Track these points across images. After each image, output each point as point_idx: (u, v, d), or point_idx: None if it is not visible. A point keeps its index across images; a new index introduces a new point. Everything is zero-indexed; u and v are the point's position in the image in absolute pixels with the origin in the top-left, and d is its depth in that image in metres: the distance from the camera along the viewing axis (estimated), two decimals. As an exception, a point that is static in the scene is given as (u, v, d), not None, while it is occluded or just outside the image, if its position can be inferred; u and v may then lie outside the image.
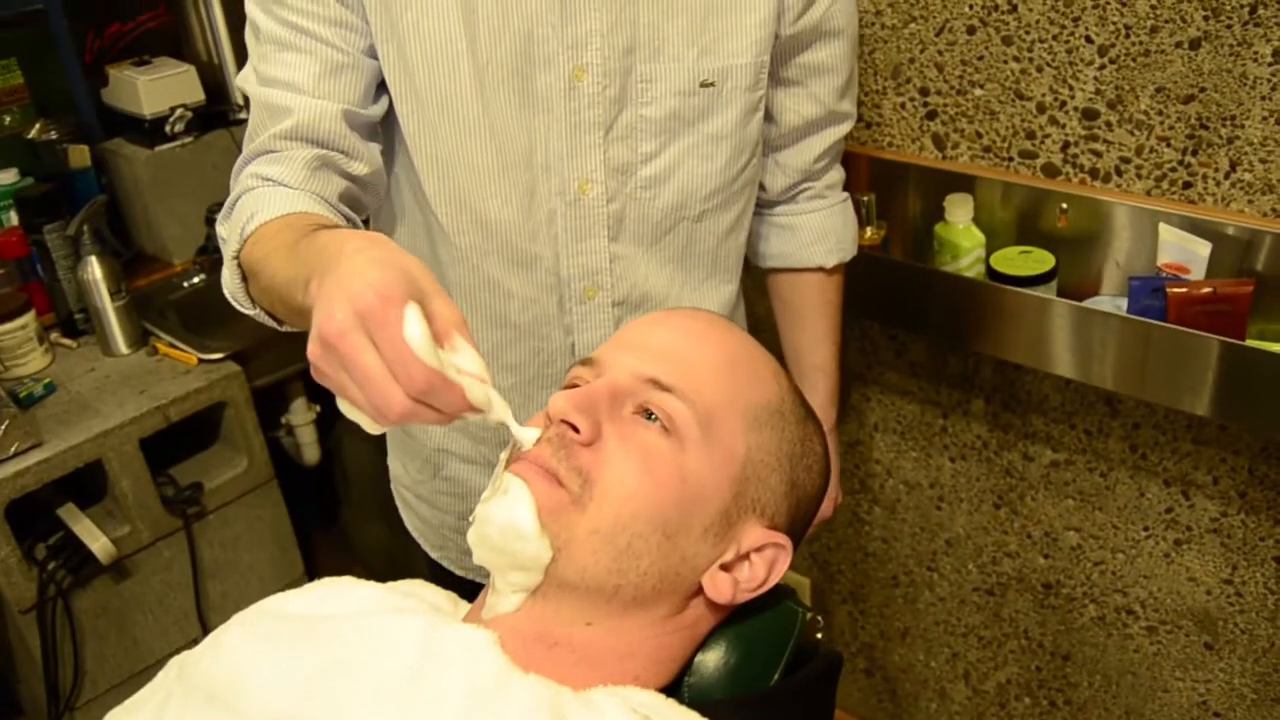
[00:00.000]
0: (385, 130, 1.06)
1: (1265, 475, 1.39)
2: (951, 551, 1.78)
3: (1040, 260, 1.39)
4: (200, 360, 1.81)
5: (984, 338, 1.43)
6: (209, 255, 2.11)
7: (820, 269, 1.26)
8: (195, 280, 2.08)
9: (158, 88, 2.03)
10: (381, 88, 1.03)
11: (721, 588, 0.72)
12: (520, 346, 1.14)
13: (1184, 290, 1.23)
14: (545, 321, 1.12)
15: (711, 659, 0.74)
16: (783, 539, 0.74)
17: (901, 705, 2.02)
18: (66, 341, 1.89)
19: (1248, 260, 1.27)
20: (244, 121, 2.17)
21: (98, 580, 1.74)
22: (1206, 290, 1.23)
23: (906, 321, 1.55)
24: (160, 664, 0.82)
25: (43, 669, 1.70)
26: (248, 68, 1.02)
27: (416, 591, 0.77)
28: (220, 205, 2.08)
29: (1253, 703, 1.54)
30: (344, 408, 0.68)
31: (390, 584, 0.78)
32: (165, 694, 0.77)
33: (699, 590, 0.73)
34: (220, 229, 0.98)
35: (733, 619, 0.76)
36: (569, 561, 0.69)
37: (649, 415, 0.72)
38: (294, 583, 1.97)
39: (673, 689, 0.73)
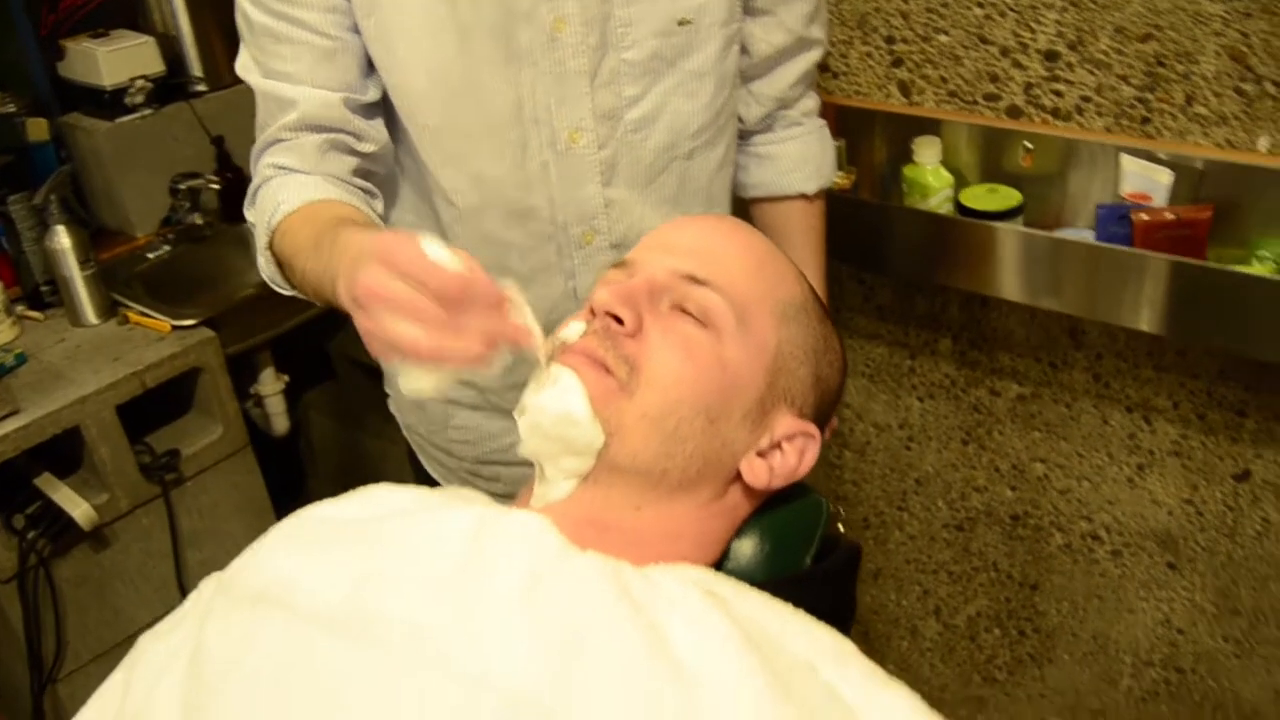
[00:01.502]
0: (385, 102, 1.09)
1: (1223, 397, 1.46)
2: (921, 490, 1.85)
3: (1007, 197, 1.44)
4: (173, 327, 1.81)
5: (955, 272, 1.48)
6: (174, 227, 2.09)
7: (802, 195, 1.30)
8: (161, 251, 2.06)
9: (118, 58, 2.01)
10: (375, 65, 1.06)
11: (758, 473, 0.76)
12: (525, 296, 1.17)
13: (1148, 217, 1.30)
14: (545, 269, 1.14)
15: (748, 546, 0.78)
16: (812, 428, 0.78)
17: (874, 645, 2.08)
18: (33, 314, 1.87)
19: (1205, 189, 1.33)
20: (203, 94, 2.18)
21: (78, 549, 1.73)
22: (1169, 216, 1.29)
23: (877, 263, 1.60)
24: (142, 632, 0.81)
25: (25, 641, 1.69)
26: (245, 58, 1.06)
27: (459, 493, 0.79)
28: (184, 176, 2.07)
29: (1213, 616, 1.62)
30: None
31: (429, 489, 0.80)
32: (203, 610, 0.78)
33: (737, 476, 0.77)
34: (248, 214, 1.07)
35: (764, 508, 0.80)
36: (621, 445, 0.72)
37: (686, 309, 0.75)
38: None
39: (713, 573, 0.76)
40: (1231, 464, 1.50)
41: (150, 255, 2.06)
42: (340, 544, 0.73)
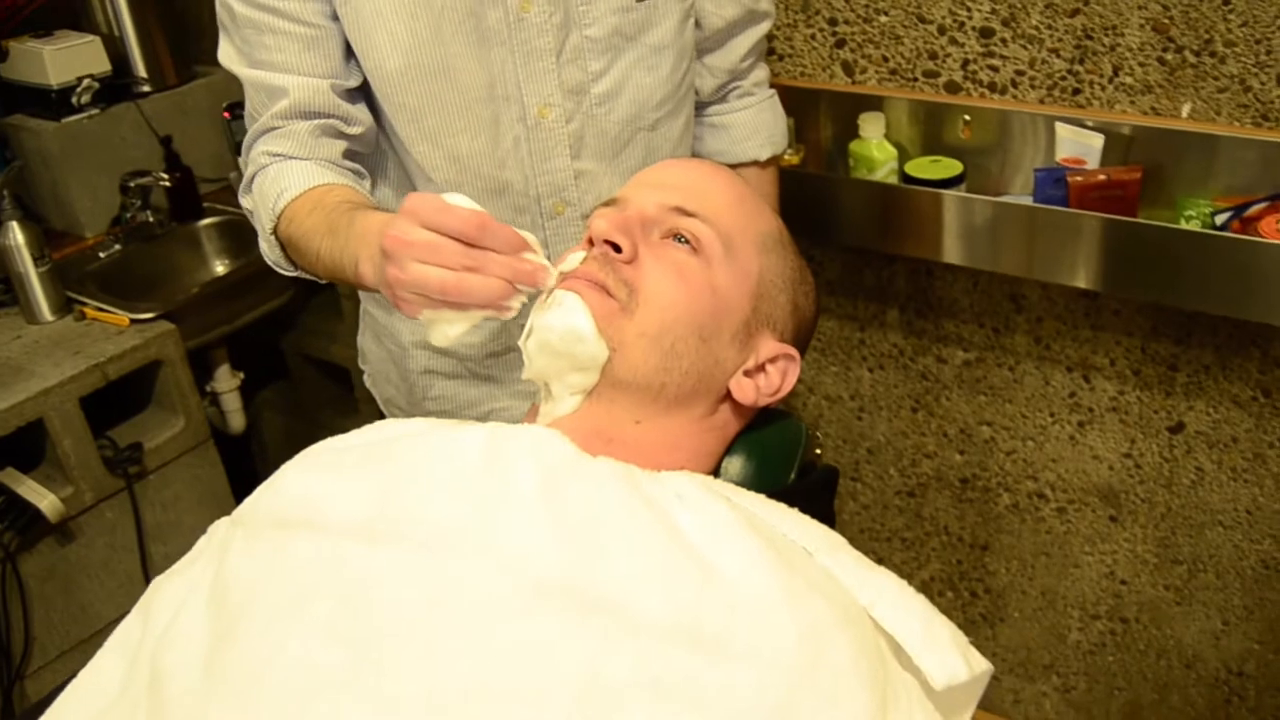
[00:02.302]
0: (366, 85, 1.13)
1: (1156, 352, 1.55)
2: (873, 459, 1.91)
3: (949, 167, 1.51)
4: (132, 321, 1.81)
5: (901, 240, 1.55)
6: (124, 226, 2.09)
7: (755, 162, 1.36)
8: (112, 250, 2.06)
9: (64, 58, 2.01)
10: (352, 49, 1.10)
11: (746, 391, 0.81)
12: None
13: (1082, 179, 1.38)
14: None
15: (737, 462, 0.83)
16: (793, 350, 0.84)
17: (832, 616, 2.14)
18: (-13, 312, 1.86)
19: (1133, 154, 1.42)
20: (149, 94, 2.18)
21: (43, 544, 1.72)
22: (1102, 177, 1.37)
23: (827, 235, 1.67)
24: (110, 628, 0.83)
25: (-10, 638, 1.68)
26: (228, 48, 1.10)
27: (464, 420, 0.83)
28: (134, 174, 2.07)
29: (1154, 566, 1.71)
30: (434, 333, 0.77)
31: (435, 418, 0.84)
32: (218, 544, 0.81)
33: (727, 395, 0.82)
34: (244, 201, 1.12)
35: (750, 429, 0.85)
36: (623, 361, 0.77)
37: (677, 238, 0.80)
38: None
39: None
40: (1166, 417, 1.59)
41: (102, 254, 2.05)
42: (357, 465, 0.76)
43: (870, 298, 1.77)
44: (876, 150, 1.55)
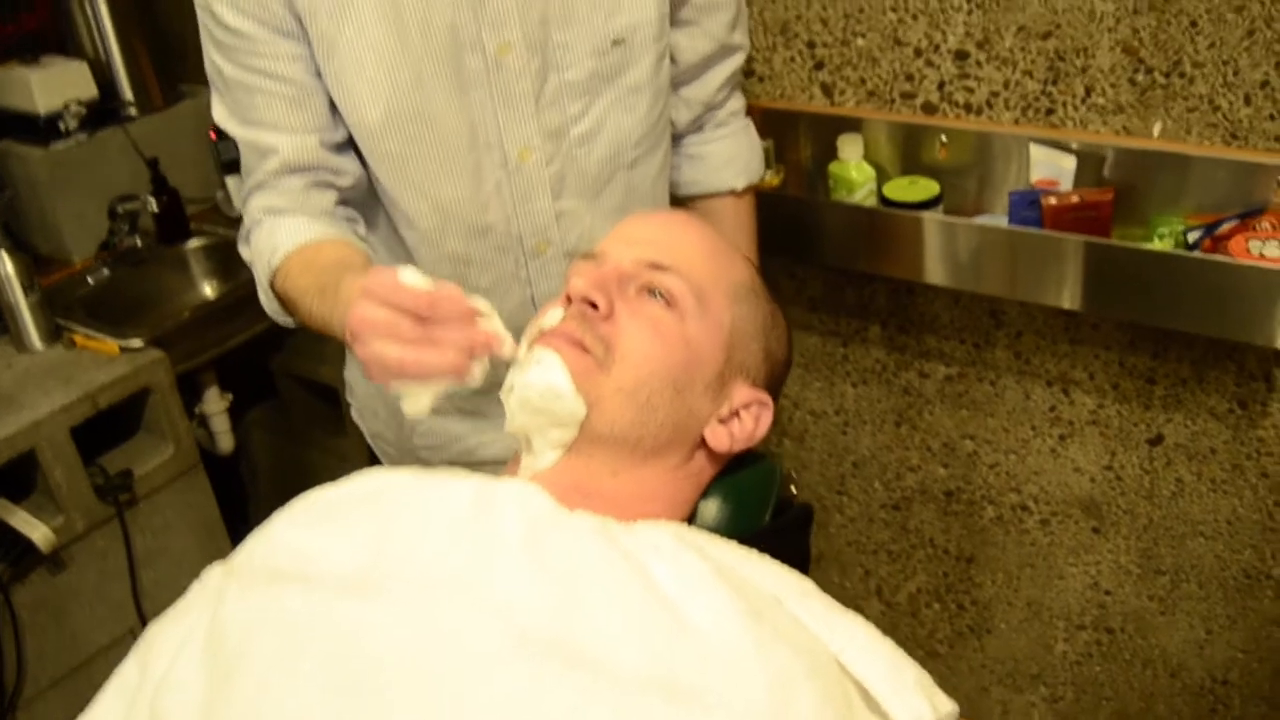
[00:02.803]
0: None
1: (1133, 366, 1.57)
2: (858, 473, 1.93)
3: (926, 188, 1.53)
4: (122, 349, 1.82)
5: (881, 261, 1.57)
6: (111, 250, 2.11)
7: (732, 191, 1.38)
8: (101, 275, 2.07)
9: (51, 83, 2.03)
10: (335, 104, 1.12)
11: (720, 438, 0.84)
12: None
13: (1056, 201, 1.39)
14: (504, 280, 1.22)
15: (711, 506, 0.85)
16: (766, 397, 0.86)
17: (821, 627, 2.15)
18: (-24, 342, 1.87)
19: (1106, 174, 1.43)
20: (135, 118, 2.19)
21: (35, 573, 1.73)
22: (1075, 199, 1.39)
23: (808, 256, 1.68)
24: (100, 654, 0.85)
25: (-16, 667, 1.69)
26: (221, 109, 1.13)
27: (450, 470, 0.85)
28: (123, 198, 2.08)
29: (1138, 577, 1.73)
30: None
31: (422, 468, 0.86)
32: (213, 593, 0.82)
33: (702, 442, 0.84)
34: (243, 252, 1.16)
35: (725, 473, 0.87)
36: (600, 416, 0.79)
37: (652, 293, 0.82)
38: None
39: (682, 532, 0.83)
40: (1145, 429, 1.60)
41: (90, 279, 2.06)
42: (346, 517, 0.78)
43: (852, 314, 1.79)
44: (855, 171, 1.57)
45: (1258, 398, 1.50)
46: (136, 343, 1.83)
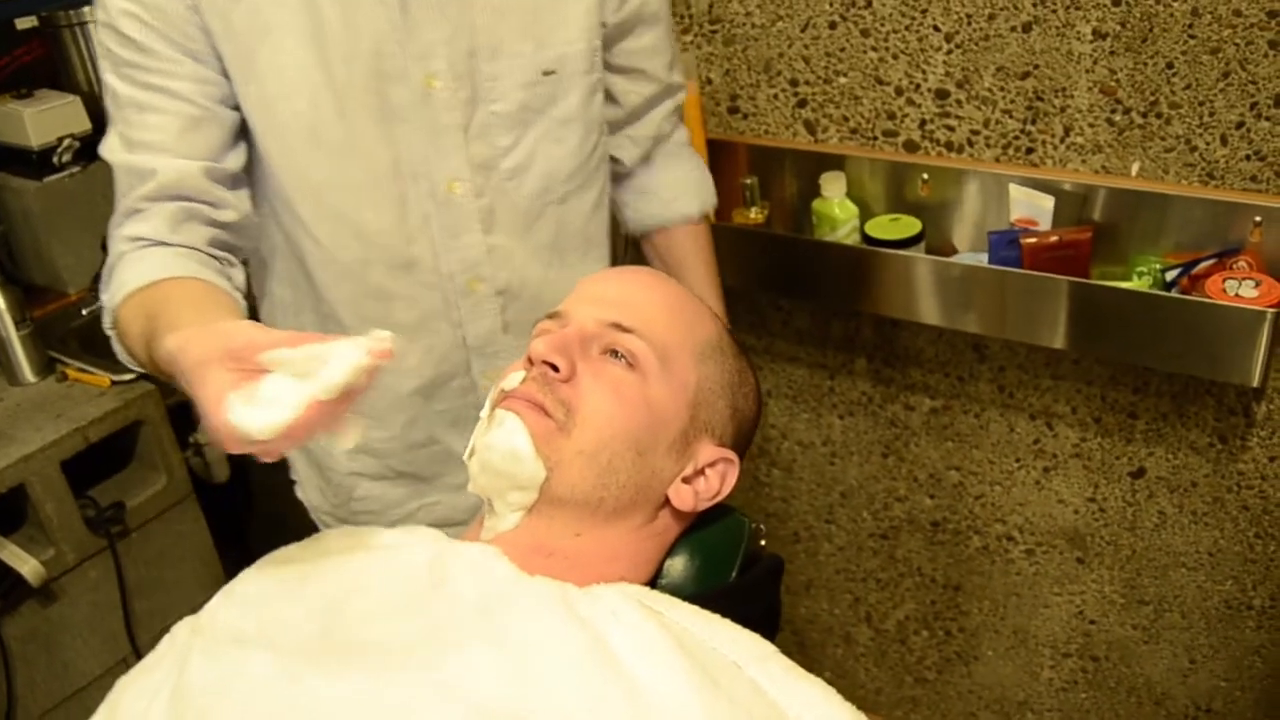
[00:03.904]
0: (252, 171, 1.12)
1: (1115, 400, 1.58)
2: (846, 502, 1.94)
3: (908, 225, 1.55)
4: (113, 382, 1.83)
5: (864, 298, 1.58)
6: (105, 281, 2.12)
7: (688, 220, 1.37)
8: (94, 307, 2.08)
9: (44, 119, 2.04)
10: (240, 136, 1.08)
11: (684, 497, 0.84)
12: (414, 347, 1.20)
13: (1035, 240, 1.41)
14: (433, 318, 1.18)
15: (678, 563, 0.86)
16: (731, 455, 0.86)
17: (810, 654, 2.17)
18: (-31, 375, 1.89)
19: (1085, 212, 1.45)
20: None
21: (25, 606, 1.74)
22: (1054, 239, 1.40)
23: (793, 291, 1.70)
24: (93, 685, 0.85)
25: (-24, 701, 1.70)
26: (112, 138, 1.05)
27: (413, 530, 0.86)
28: (114, 229, 2.08)
29: (1121, 606, 1.74)
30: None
31: (384, 529, 0.87)
32: (181, 650, 0.83)
33: (666, 501, 0.85)
34: (103, 295, 1.05)
35: (692, 529, 0.88)
36: (560, 479, 0.80)
37: (614, 354, 0.83)
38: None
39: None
40: (1127, 463, 1.62)
41: (84, 311, 2.08)
42: (309, 582, 0.79)
43: (839, 347, 1.80)
44: (838, 209, 1.58)
45: (1237, 432, 1.51)
46: (128, 375, 1.84)
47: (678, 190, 1.36)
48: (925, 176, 1.55)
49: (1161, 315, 1.34)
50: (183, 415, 2.08)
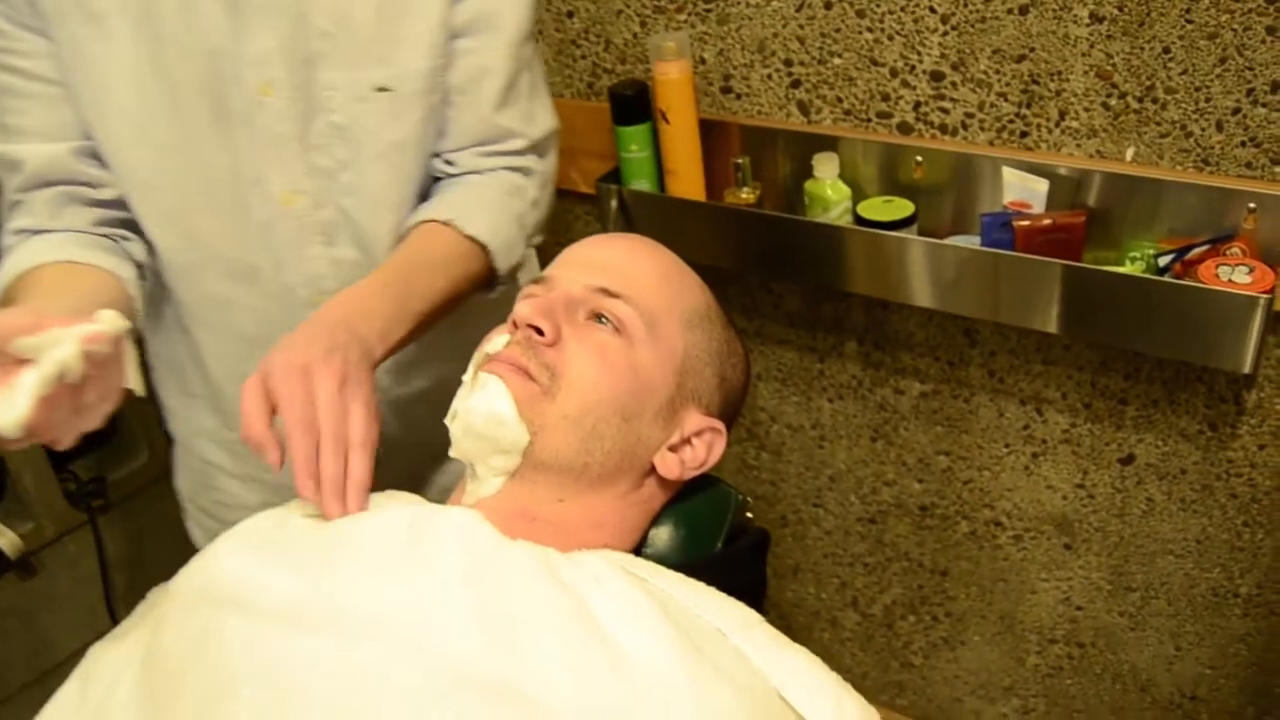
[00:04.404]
0: None
1: (1105, 386, 1.57)
2: (835, 486, 1.93)
3: (901, 207, 1.54)
4: (97, 355, 1.82)
5: (856, 280, 1.57)
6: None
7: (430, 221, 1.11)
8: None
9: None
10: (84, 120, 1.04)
11: (670, 466, 0.83)
12: (256, 356, 1.14)
13: (1028, 223, 1.40)
14: (278, 329, 1.09)
15: (664, 532, 0.85)
16: (719, 424, 0.86)
17: (796, 638, 2.11)
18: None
19: (1079, 196, 1.44)
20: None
21: (4, 580, 1.73)
22: (1047, 222, 1.40)
23: (784, 273, 1.69)
24: (72, 660, 0.84)
25: (-47, 674, 1.69)
26: None
27: (395, 494, 0.85)
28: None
29: (1108, 593, 1.74)
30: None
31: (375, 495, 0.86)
32: (155, 616, 0.82)
33: (652, 469, 0.84)
34: None
35: (678, 499, 0.87)
36: (544, 444, 0.79)
37: (600, 319, 0.82)
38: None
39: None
40: (1117, 449, 1.61)
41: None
42: (288, 545, 0.78)
43: (829, 330, 1.79)
44: (831, 190, 1.57)
45: (1227, 420, 1.51)
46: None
47: (467, 207, 1.11)
48: (919, 159, 1.54)
49: (1154, 300, 1.33)
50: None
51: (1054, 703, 1.91)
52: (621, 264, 0.86)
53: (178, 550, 1.98)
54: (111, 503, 1.85)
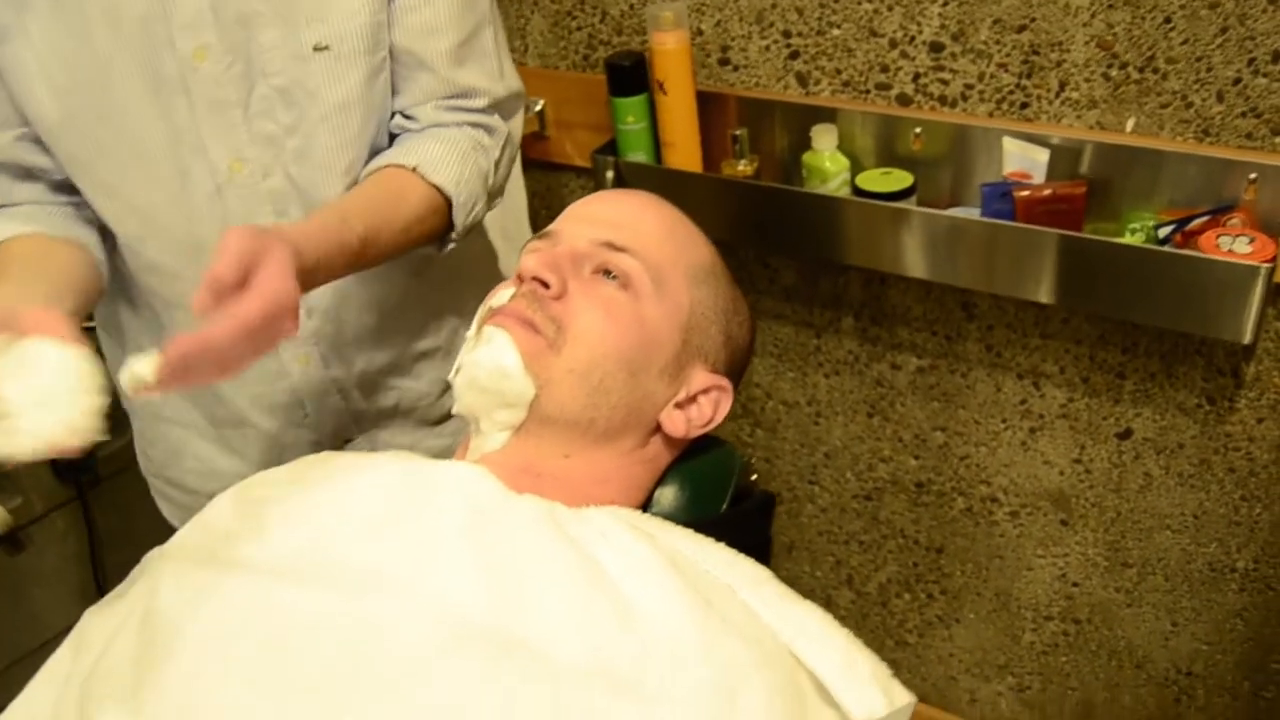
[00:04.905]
0: None
1: (1103, 360, 1.57)
2: (830, 463, 1.93)
3: (900, 179, 1.53)
4: (84, 328, 1.80)
5: (854, 251, 1.56)
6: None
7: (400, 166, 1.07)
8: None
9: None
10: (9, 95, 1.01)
11: (676, 423, 0.82)
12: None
13: (1028, 193, 1.39)
14: None
15: (669, 492, 0.84)
16: (725, 382, 0.85)
17: (791, 617, 2.16)
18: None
19: (1079, 168, 1.43)
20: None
21: (-7, 555, 1.72)
22: (1047, 192, 1.39)
23: (782, 246, 1.68)
24: (61, 637, 0.83)
25: (-58, 650, 1.67)
26: None
27: (394, 453, 0.84)
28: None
29: (1105, 569, 1.74)
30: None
31: (364, 452, 0.84)
32: (151, 576, 0.81)
33: (658, 427, 0.83)
34: None
35: (683, 459, 0.86)
36: (550, 398, 0.78)
37: (607, 274, 0.81)
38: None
39: (638, 518, 0.82)
40: (1114, 423, 1.61)
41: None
42: (287, 502, 0.77)
43: (825, 305, 1.78)
44: (829, 162, 1.56)
45: (1225, 394, 1.51)
46: (92, 323, 1.81)
47: (434, 156, 1.07)
48: (918, 131, 1.53)
49: (1155, 270, 1.33)
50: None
51: (1049, 680, 1.91)
52: (627, 219, 0.85)
53: (166, 525, 1.97)
54: (100, 477, 1.83)
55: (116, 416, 1.86)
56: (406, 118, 1.10)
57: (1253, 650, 1.68)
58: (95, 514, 1.83)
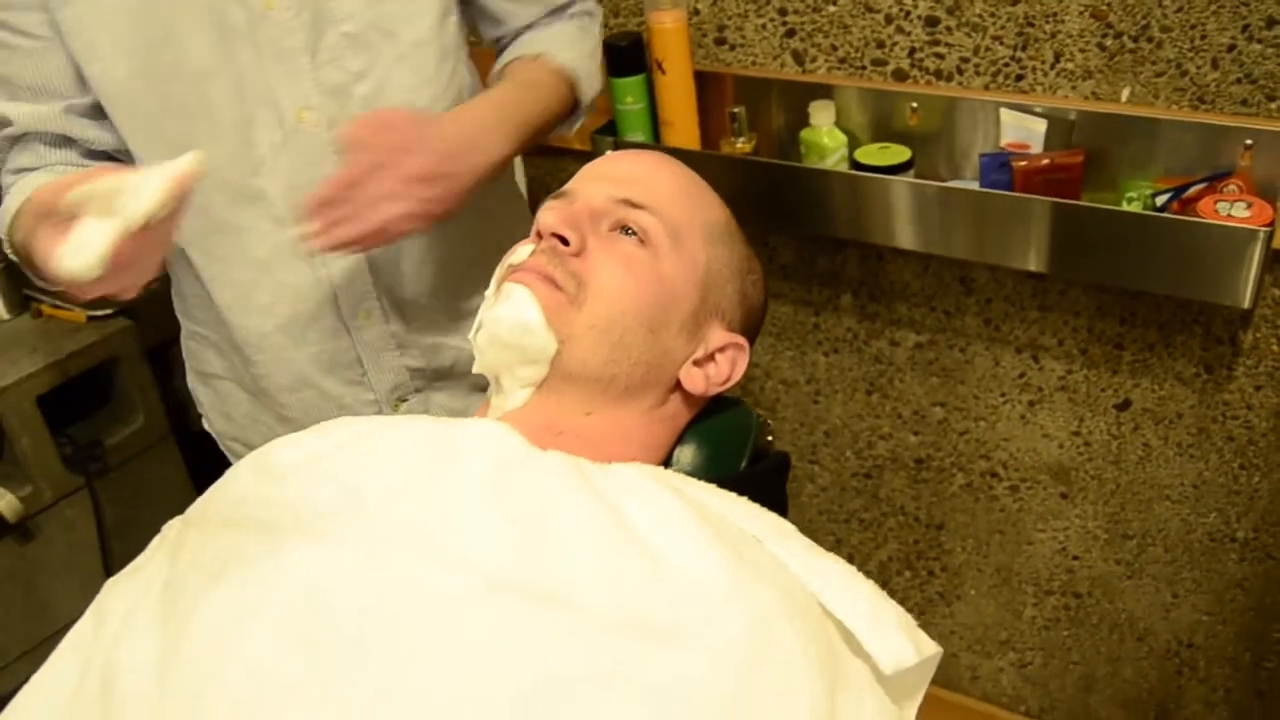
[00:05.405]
0: None
1: (1101, 332, 1.58)
2: (830, 442, 1.94)
3: (898, 153, 1.54)
4: (89, 317, 1.80)
5: (852, 226, 1.57)
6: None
7: (542, 56, 1.18)
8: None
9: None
10: (76, 59, 1.03)
11: (696, 380, 0.83)
12: (265, 284, 1.14)
13: (1026, 163, 1.40)
14: (282, 253, 1.12)
15: (689, 451, 0.85)
16: (741, 340, 0.86)
17: (794, 597, 2.17)
18: (-60, 314, 1.85)
19: (1075, 138, 1.45)
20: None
21: (2, 545, 1.72)
22: (1045, 162, 1.40)
23: (781, 223, 1.69)
24: (70, 624, 0.83)
25: (-50, 640, 1.67)
26: None
27: (413, 416, 0.85)
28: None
29: (1105, 542, 1.75)
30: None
31: (384, 416, 0.85)
32: (172, 544, 0.81)
33: (677, 385, 0.84)
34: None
35: (701, 418, 0.87)
36: (571, 354, 0.79)
37: (625, 230, 0.82)
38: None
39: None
40: (1113, 395, 1.62)
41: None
42: (309, 465, 0.77)
43: (824, 283, 1.79)
44: (827, 138, 1.57)
45: (1224, 362, 1.52)
46: (104, 310, 1.81)
47: (553, 44, 1.19)
48: (914, 105, 1.54)
49: (1154, 236, 1.34)
50: (163, 356, 2.05)
51: (1051, 655, 1.93)
52: (643, 176, 0.86)
53: (176, 513, 1.97)
54: (109, 466, 1.83)
55: (122, 406, 1.86)
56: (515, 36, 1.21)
57: (1254, 620, 1.70)
58: (104, 503, 1.83)
